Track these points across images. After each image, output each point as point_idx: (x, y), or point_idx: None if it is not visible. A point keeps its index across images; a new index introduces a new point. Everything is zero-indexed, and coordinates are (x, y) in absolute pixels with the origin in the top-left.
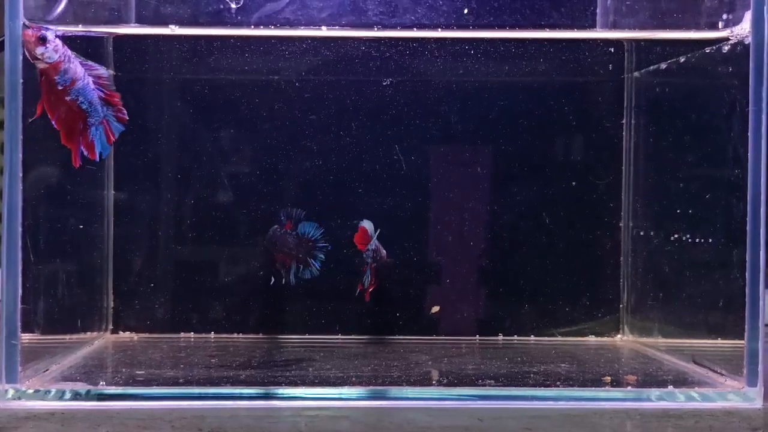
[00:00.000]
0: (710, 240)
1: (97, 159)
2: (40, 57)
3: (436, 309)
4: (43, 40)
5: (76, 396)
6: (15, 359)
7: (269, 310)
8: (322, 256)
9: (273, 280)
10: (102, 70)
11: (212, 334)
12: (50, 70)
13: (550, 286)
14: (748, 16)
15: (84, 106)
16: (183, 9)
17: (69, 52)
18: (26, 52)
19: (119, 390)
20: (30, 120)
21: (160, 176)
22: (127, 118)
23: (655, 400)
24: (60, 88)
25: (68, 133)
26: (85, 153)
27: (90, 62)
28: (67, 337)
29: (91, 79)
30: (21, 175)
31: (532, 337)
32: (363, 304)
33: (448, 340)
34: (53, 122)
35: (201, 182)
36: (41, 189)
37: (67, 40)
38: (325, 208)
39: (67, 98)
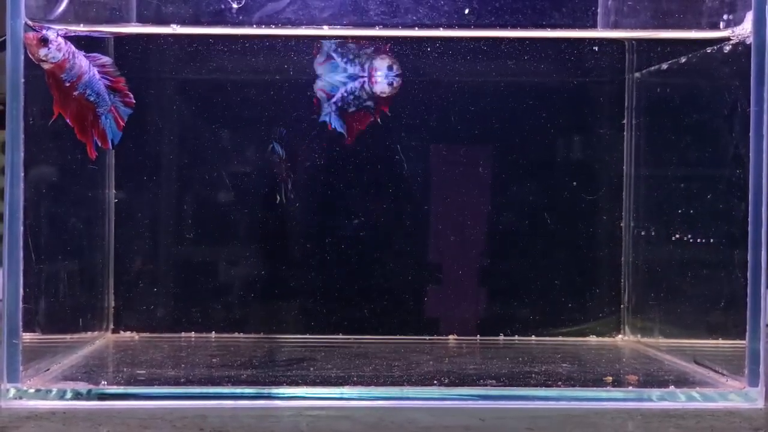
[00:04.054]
0: (711, 240)
1: (110, 147)
2: (44, 58)
3: (453, 338)
4: (45, 42)
5: (78, 395)
6: (16, 358)
7: (270, 310)
8: None
9: (278, 198)
10: (105, 59)
11: (213, 334)
12: (56, 70)
13: (552, 286)
14: (749, 16)
15: (92, 98)
16: (184, 9)
17: (72, 47)
18: (30, 55)
19: (120, 389)
20: (50, 121)
21: (160, 176)
22: (134, 101)
23: (657, 400)
24: (67, 84)
25: (81, 128)
26: (99, 143)
27: (93, 53)
28: (68, 336)
29: (95, 70)
30: (23, 174)
31: (533, 337)
32: (363, 304)
33: (450, 339)
34: (67, 120)
35: (202, 182)
36: (42, 188)
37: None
38: (326, 208)
39: (75, 93)
